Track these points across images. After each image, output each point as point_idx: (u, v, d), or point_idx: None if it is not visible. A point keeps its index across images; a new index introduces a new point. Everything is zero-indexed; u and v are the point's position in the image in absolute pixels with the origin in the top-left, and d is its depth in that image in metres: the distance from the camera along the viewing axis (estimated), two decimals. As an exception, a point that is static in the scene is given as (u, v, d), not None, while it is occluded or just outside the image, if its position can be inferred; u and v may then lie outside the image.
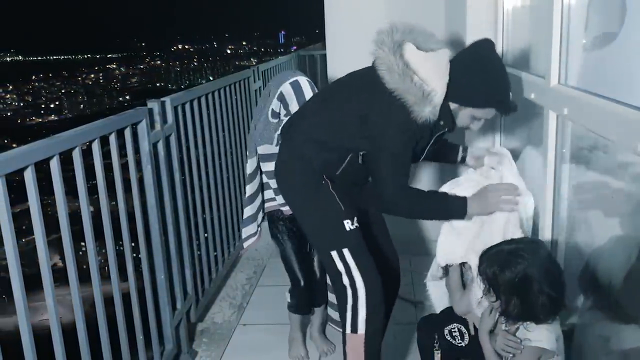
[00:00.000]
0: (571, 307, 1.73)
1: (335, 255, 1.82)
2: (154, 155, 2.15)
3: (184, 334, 2.36)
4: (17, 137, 36.89)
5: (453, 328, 1.81)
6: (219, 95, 2.99)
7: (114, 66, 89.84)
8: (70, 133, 1.62)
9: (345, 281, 1.81)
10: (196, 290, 2.59)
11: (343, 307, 1.85)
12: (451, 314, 1.85)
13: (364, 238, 1.87)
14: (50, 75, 75.64)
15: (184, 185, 2.49)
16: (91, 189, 1.69)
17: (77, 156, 1.63)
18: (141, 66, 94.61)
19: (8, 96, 64.21)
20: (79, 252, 1.63)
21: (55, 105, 63.37)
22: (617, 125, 1.29)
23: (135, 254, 1.96)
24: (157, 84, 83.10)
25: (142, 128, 2.06)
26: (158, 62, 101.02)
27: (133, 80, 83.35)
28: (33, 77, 72.61)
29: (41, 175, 1.44)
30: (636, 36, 1.37)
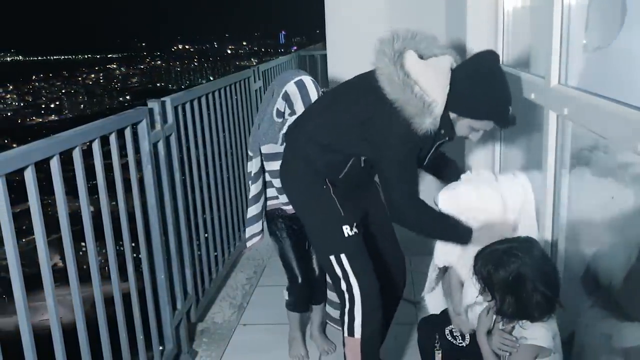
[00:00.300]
0: (566, 306, 1.73)
1: (333, 260, 1.85)
2: (154, 155, 2.15)
3: (184, 334, 2.36)
4: (18, 137, 36.90)
5: (454, 328, 1.82)
6: (219, 95, 2.99)
7: (115, 66, 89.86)
8: (70, 133, 1.63)
9: (343, 286, 1.85)
10: (196, 290, 2.59)
11: (342, 311, 1.89)
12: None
13: (367, 241, 1.88)
14: (50, 75, 75.64)
15: (184, 185, 2.49)
16: (91, 189, 1.69)
17: (78, 156, 1.63)
18: (141, 66, 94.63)
19: (8, 96, 64.19)
20: (79, 252, 1.63)
21: (55, 105, 63.36)
22: (617, 125, 1.29)
23: (135, 254, 1.96)
24: (158, 84, 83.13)
25: (143, 128, 2.07)
26: (158, 62, 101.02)
27: (133, 80, 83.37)
28: (33, 77, 72.62)
29: (41, 175, 1.44)
30: (636, 36, 1.37)
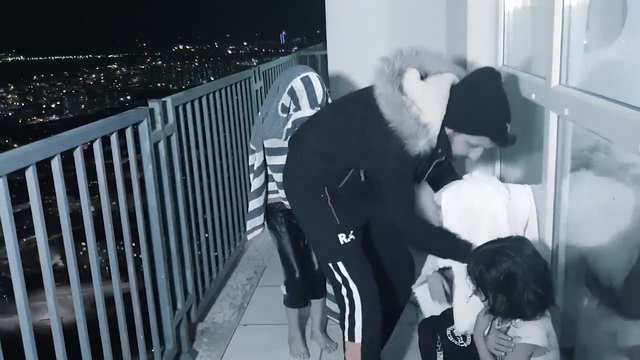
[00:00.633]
0: (567, 306, 1.73)
1: (331, 267, 1.87)
2: (155, 155, 2.16)
3: (185, 334, 2.36)
4: (19, 137, 36.90)
5: (455, 329, 1.81)
6: (220, 95, 3.00)
7: (115, 66, 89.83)
8: (71, 133, 1.63)
9: (343, 292, 1.87)
10: (197, 290, 2.60)
11: (342, 316, 1.90)
12: (452, 316, 1.84)
13: (371, 246, 1.88)
14: (51, 75, 75.64)
15: (185, 185, 2.49)
16: (92, 189, 1.69)
17: (79, 156, 1.64)
18: (142, 66, 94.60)
19: (9, 96, 64.19)
20: (80, 252, 1.63)
21: (56, 105, 63.31)
22: (618, 125, 1.29)
23: (136, 254, 1.96)
24: (158, 84, 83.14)
25: (143, 128, 2.07)
26: (159, 62, 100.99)
27: (134, 80, 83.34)
28: (34, 77, 72.60)
29: (42, 174, 1.44)
30: (637, 37, 1.37)
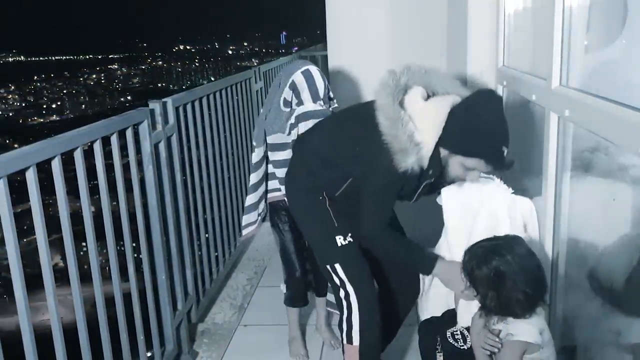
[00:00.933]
0: (567, 305, 1.73)
1: (329, 269, 1.87)
2: (156, 155, 2.16)
3: (185, 335, 2.36)
4: (19, 138, 36.93)
5: (455, 331, 1.81)
6: (221, 95, 3.00)
7: (116, 66, 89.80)
8: (72, 133, 1.63)
9: (341, 294, 1.87)
10: (197, 290, 2.59)
11: (340, 319, 1.90)
12: (452, 317, 1.85)
13: (371, 250, 1.88)
14: (52, 75, 75.67)
15: (185, 185, 2.49)
16: (92, 189, 1.69)
17: (79, 157, 1.64)
18: (143, 67, 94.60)
19: (10, 96, 64.16)
20: (80, 252, 1.63)
21: (57, 105, 63.31)
22: (619, 126, 1.29)
23: (136, 254, 1.96)
24: (159, 85, 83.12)
25: (144, 128, 2.07)
26: (160, 63, 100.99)
27: (135, 80, 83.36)
28: (35, 78, 72.58)
29: (42, 175, 1.44)
30: (637, 37, 1.37)
